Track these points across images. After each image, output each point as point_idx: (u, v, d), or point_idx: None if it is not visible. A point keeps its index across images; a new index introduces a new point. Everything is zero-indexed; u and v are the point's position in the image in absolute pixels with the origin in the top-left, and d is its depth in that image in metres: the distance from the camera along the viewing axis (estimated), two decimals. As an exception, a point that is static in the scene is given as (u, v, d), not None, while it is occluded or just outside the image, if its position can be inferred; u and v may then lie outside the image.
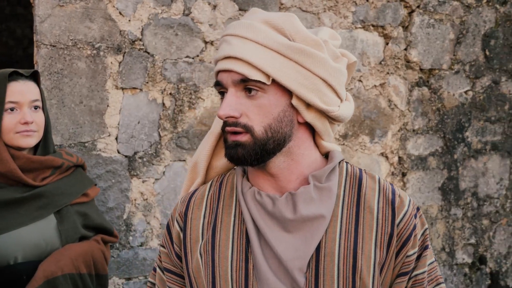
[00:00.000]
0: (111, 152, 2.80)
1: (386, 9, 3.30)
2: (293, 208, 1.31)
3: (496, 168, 3.75)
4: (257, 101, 1.29)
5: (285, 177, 1.34)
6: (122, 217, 2.87)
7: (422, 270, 1.38)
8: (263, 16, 1.32)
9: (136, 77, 2.80)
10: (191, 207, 1.40)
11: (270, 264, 1.30)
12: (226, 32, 1.34)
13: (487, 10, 3.55)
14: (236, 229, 1.35)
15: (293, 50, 1.29)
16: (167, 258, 1.45)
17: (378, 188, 1.36)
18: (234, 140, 1.29)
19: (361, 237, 1.32)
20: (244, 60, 1.27)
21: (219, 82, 1.32)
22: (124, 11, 2.73)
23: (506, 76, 3.67)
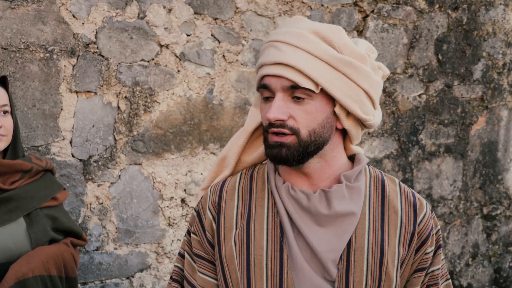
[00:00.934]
0: (65, 156, 2.78)
1: (341, 13, 3.34)
2: (327, 204, 1.41)
3: (450, 170, 3.82)
4: (304, 107, 1.38)
5: (317, 176, 1.45)
6: (77, 222, 2.84)
7: (437, 266, 1.52)
8: (312, 27, 1.40)
9: (90, 80, 2.78)
10: (223, 198, 1.49)
11: (303, 254, 1.41)
12: (274, 38, 1.41)
13: (440, 16, 3.63)
14: (269, 220, 1.44)
15: (342, 63, 1.37)
16: (199, 245, 1.52)
17: (399, 191, 1.49)
18: (278, 140, 1.38)
19: (387, 234, 1.44)
20: (296, 67, 1.35)
21: (266, 86, 1.40)
22: (78, 14, 2.71)
23: (458, 80, 3.75)
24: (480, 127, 3.88)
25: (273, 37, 1.41)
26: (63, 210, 2.39)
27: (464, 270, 4.00)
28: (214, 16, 3.01)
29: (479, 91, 3.82)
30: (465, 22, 3.71)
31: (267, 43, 1.42)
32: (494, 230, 4.06)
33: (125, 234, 2.96)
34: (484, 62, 3.81)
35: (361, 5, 3.39)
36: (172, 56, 2.95)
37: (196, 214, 1.53)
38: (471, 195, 3.93)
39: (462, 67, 3.75)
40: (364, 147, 3.53)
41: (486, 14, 3.76)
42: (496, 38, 3.81)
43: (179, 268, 1.59)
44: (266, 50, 1.41)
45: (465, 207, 3.93)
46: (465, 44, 3.73)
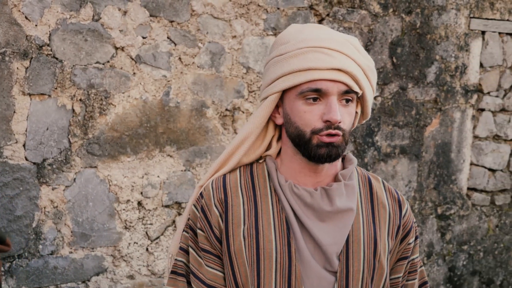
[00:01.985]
0: (18, 159, 2.74)
1: (297, 17, 3.37)
2: (328, 201, 1.53)
3: (405, 171, 3.88)
4: (349, 109, 1.50)
5: (324, 173, 1.56)
6: (31, 226, 2.81)
7: (416, 255, 1.67)
8: (343, 35, 1.54)
9: (44, 82, 2.75)
10: (229, 195, 1.58)
11: (309, 248, 1.52)
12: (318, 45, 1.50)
13: (394, 19, 3.69)
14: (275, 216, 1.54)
15: (370, 70, 1.53)
16: (206, 241, 1.59)
17: (384, 188, 1.63)
18: (331, 141, 1.48)
19: (378, 227, 1.57)
20: (350, 73, 1.48)
21: (319, 90, 1.48)
22: (31, 15, 2.68)
23: (412, 82, 3.82)
24: (434, 128, 3.95)
25: (315, 43, 1.50)
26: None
27: (419, 269, 4.07)
28: (170, 19, 3.01)
29: (433, 94, 3.89)
30: (419, 26, 3.77)
31: (309, 48, 1.50)
32: (448, 229, 4.14)
33: (80, 237, 2.93)
34: (437, 65, 3.88)
35: (317, 9, 3.42)
36: (127, 59, 2.93)
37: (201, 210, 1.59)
38: (425, 195, 4.00)
39: (416, 70, 3.81)
40: (321, 149, 3.56)
41: (438, 18, 3.83)
42: (448, 42, 3.89)
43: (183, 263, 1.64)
44: (310, 54, 1.49)
45: (420, 207, 3.99)
46: (419, 48, 3.80)
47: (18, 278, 2.80)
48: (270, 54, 1.58)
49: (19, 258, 2.80)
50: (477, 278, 4.30)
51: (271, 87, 1.54)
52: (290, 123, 1.52)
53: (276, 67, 1.53)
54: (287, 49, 1.52)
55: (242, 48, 3.22)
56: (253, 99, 3.30)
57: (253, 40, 3.25)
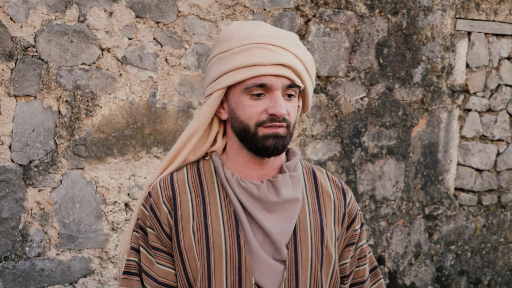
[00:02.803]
0: (4, 161, 2.73)
1: (283, 17, 3.38)
2: (275, 192, 1.58)
3: (392, 171, 3.90)
4: (292, 103, 1.56)
5: (270, 166, 1.61)
6: (17, 228, 2.80)
7: (364, 241, 1.73)
8: (284, 32, 1.60)
9: (29, 84, 2.74)
10: (177, 192, 1.61)
11: (257, 239, 1.56)
12: (262, 41, 1.55)
13: (380, 20, 3.70)
14: (224, 210, 1.58)
15: (311, 64, 1.60)
16: (156, 239, 1.62)
17: (327, 178, 1.69)
18: (276, 132, 1.53)
19: (324, 215, 1.63)
20: (293, 68, 1.53)
21: (264, 85, 1.53)
22: (16, 17, 2.67)
23: (399, 83, 3.83)
24: (421, 129, 3.97)
25: (258, 40, 1.55)
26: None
27: (408, 269, 4.08)
28: (156, 20, 3.01)
29: (419, 94, 3.91)
30: (405, 26, 3.79)
31: (252, 45, 1.54)
32: (436, 229, 4.16)
33: (67, 239, 2.92)
34: (423, 66, 3.90)
35: (303, 10, 3.43)
36: (113, 60, 2.93)
37: (150, 209, 1.62)
38: (413, 195, 4.01)
39: (402, 70, 3.83)
40: (308, 149, 3.57)
41: (425, 19, 3.86)
42: (434, 43, 3.91)
43: (136, 262, 1.67)
44: (254, 51, 1.54)
45: (407, 208, 4.00)
46: (405, 48, 3.82)
47: (4, 280, 2.79)
48: (212, 52, 1.61)
49: (6, 260, 2.79)
50: (464, 278, 4.32)
51: (216, 83, 1.57)
52: (235, 118, 1.56)
53: (220, 63, 1.57)
54: (231, 46, 1.56)
55: (229, 49, 3.23)
56: (240, 100, 3.31)
57: (239, 41, 3.25)
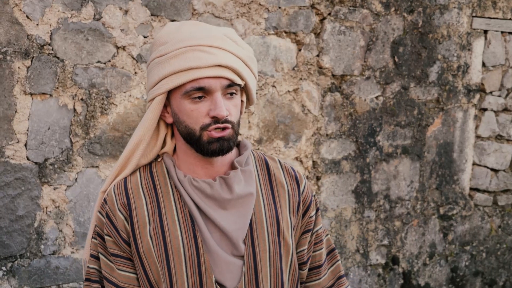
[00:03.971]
0: (20, 159, 2.74)
1: (298, 16, 3.37)
2: (228, 189, 1.57)
3: (407, 171, 3.88)
4: (234, 101, 1.55)
5: (219, 164, 1.60)
6: (32, 226, 2.80)
7: (319, 226, 1.75)
8: (220, 30, 1.58)
9: (45, 82, 2.75)
10: (131, 197, 1.60)
11: (214, 237, 1.56)
12: (197, 43, 1.53)
13: (396, 18, 3.68)
14: (179, 212, 1.58)
15: (250, 59, 1.59)
16: (114, 245, 1.62)
17: (281, 167, 1.69)
18: (221, 135, 1.53)
19: (279, 206, 1.64)
20: (231, 67, 1.52)
21: (203, 88, 1.51)
22: (32, 15, 2.68)
23: (414, 82, 3.81)
24: (436, 128, 3.94)
25: (193, 42, 1.52)
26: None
27: (422, 269, 4.06)
28: (171, 18, 3.01)
29: (435, 93, 3.89)
30: (421, 25, 3.77)
31: (187, 48, 1.52)
32: (451, 230, 4.13)
33: (82, 237, 2.93)
34: (439, 65, 3.87)
35: (318, 8, 3.42)
36: (129, 58, 2.93)
37: (106, 216, 1.62)
38: (428, 195, 3.99)
39: (418, 69, 3.81)
40: (322, 148, 3.56)
41: (441, 17, 3.83)
42: (450, 41, 3.89)
43: (96, 269, 1.67)
44: (190, 54, 1.52)
45: (422, 208, 3.98)
46: (421, 47, 3.79)
47: (20, 278, 2.80)
48: (151, 55, 1.60)
49: (21, 258, 2.80)
50: (479, 279, 4.29)
51: (156, 88, 1.56)
52: (180, 122, 1.56)
53: (158, 68, 1.55)
54: (167, 50, 1.54)
55: (244, 47, 3.22)
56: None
57: (254, 39, 3.24)
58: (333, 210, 3.64)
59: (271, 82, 3.34)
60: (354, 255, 3.76)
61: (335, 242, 3.67)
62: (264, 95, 3.33)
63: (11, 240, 2.76)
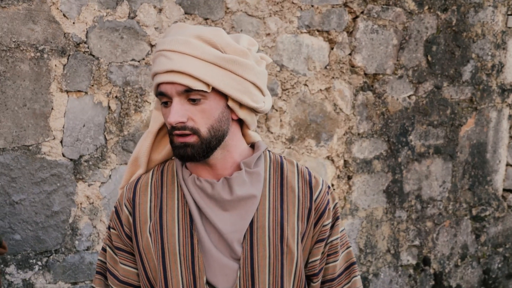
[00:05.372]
0: (56, 156, 2.78)
1: (331, 14, 3.36)
2: (229, 190, 1.56)
3: (439, 171, 3.84)
4: (200, 107, 1.51)
5: (221, 166, 1.59)
6: (67, 221, 2.84)
7: (335, 236, 1.68)
8: (194, 32, 1.52)
9: (81, 80, 2.78)
10: (137, 194, 1.62)
11: (211, 238, 1.55)
12: (162, 48, 1.53)
13: (429, 17, 3.65)
14: (180, 210, 1.58)
15: (227, 61, 1.51)
16: (118, 239, 1.65)
17: (297, 171, 1.65)
18: (182, 141, 1.51)
19: (286, 212, 1.59)
20: (186, 73, 1.48)
21: (162, 93, 1.52)
22: (68, 13, 2.72)
23: (447, 81, 3.78)
24: (469, 128, 3.91)
25: (160, 47, 1.53)
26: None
27: (453, 271, 4.02)
28: (204, 16, 3.02)
29: (468, 93, 3.85)
30: (454, 23, 3.73)
31: (157, 53, 1.54)
32: (483, 231, 4.09)
33: (115, 234, 2.96)
34: (473, 64, 3.83)
35: (351, 6, 3.41)
36: (162, 56, 2.96)
37: (115, 210, 1.66)
38: (460, 196, 3.95)
39: (451, 68, 3.78)
40: (354, 147, 3.54)
41: (475, 16, 3.79)
42: (485, 40, 3.84)
43: (102, 261, 1.72)
44: (157, 59, 1.53)
45: (454, 208, 3.95)
46: (454, 46, 3.76)
47: (55, 272, 2.84)
48: None
49: (56, 253, 2.84)
50: (512, 281, 4.24)
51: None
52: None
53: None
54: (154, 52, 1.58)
55: (276, 46, 3.22)
56: (287, 97, 3.30)
57: (287, 38, 3.25)
58: (364, 209, 3.62)
59: (303, 80, 3.34)
60: (385, 255, 3.74)
61: (366, 242, 3.65)
62: (296, 94, 3.33)
63: (47, 236, 2.80)
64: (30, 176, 2.72)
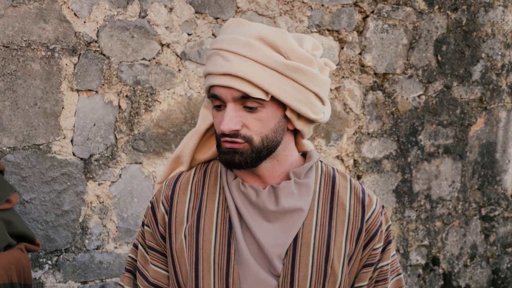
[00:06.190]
0: (66, 155, 2.78)
1: (341, 14, 3.35)
2: (275, 200, 1.43)
3: (449, 171, 3.83)
4: (257, 115, 1.39)
5: (269, 175, 1.47)
6: (77, 220, 2.84)
7: (386, 262, 1.54)
8: (257, 32, 1.39)
9: (91, 79, 2.78)
10: (176, 192, 1.51)
11: (250, 249, 1.42)
12: (220, 46, 1.39)
13: (439, 16, 3.64)
14: (219, 215, 1.46)
15: (289, 69, 1.37)
16: (151, 237, 1.55)
17: (349, 187, 1.51)
18: (231, 147, 1.39)
19: (334, 230, 1.45)
20: (245, 78, 1.35)
21: (216, 96, 1.40)
22: (79, 12, 2.72)
23: (457, 81, 3.77)
24: (479, 128, 3.89)
25: (218, 45, 1.40)
26: (16, 213, 2.28)
27: (463, 271, 4.01)
28: (215, 16, 3.02)
29: (478, 92, 3.84)
30: (465, 23, 3.72)
31: (213, 50, 1.42)
32: (492, 231, 4.08)
33: (125, 233, 2.96)
34: (483, 63, 3.82)
35: (361, 6, 3.40)
36: (173, 55, 2.95)
37: (151, 206, 1.56)
38: (469, 196, 3.94)
39: (461, 68, 3.76)
40: (364, 147, 3.54)
41: (485, 15, 3.78)
42: (495, 40, 3.83)
43: (132, 259, 1.62)
44: (212, 57, 1.41)
45: (463, 208, 3.94)
46: (464, 45, 3.75)
47: (65, 272, 2.84)
48: None
49: (66, 252, 2.84)
50: (522, 281, 4.23)
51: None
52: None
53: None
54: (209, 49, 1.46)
55: (286, 45, 3.22)
56: (297, 96, 3.29)
57: (297, 37, 3.24)
58: (374, 209, 3.61)
59: (313, 80, 3.33)
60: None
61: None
62: (306, 93, 3.32)
63: (57, 235, 2.80)
64: (40, 175, 2.72)
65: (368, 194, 1.52)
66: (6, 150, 2.65)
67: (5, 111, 2.62)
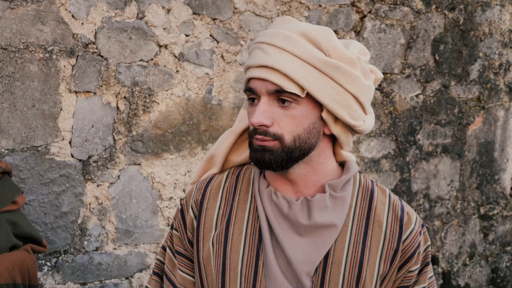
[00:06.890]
0: (64, 156, 2.78)
1: (339, 14, 3.36)
2: (307, 214, 1.36)
3: (447, 170, 3.84)
4: (290, 111, 1.33)
5: (302, 183, 1.40)
6: (76, 222, 2.84)
7: (422, 285, 1.45)
8: (299, 28, 1.35)
9: (89, 80, 2.78)
10: (207, 197, 1.45)
11: (279, 263, 1.36)
12: (261, 40, 1.36)
13: (436, 16, 3.65)
14: (249, 225, 1.40)
15: (329, 66, 1.32)
16: (179, 242, 1.50)
17: (388, 203, 1.42)
18: (261, 144, 1.34)
19: (368, 249, 1.37)
20: (281, 71, 1.30)
21: (251, 89, 1.35)
22: (77, 14, 2.72)
23: (455, 80, 3.77)
24: (477, 127, 3.90)
25: (260, 39, 1.37)
26: (22, 214, 2.28)
27: (462, 270, 4.01)
28: (212, 17, 3.02)
29: (476, 91, 3.84)
30: (462, 22, 3.73)
31: (255, 44, 1.38)
32: (491, 230, 4.08)
33: (124, 234, 2.96)
34: (480, 63, 3.83)
35: (359, 6, 3.41)
36: (171, 56, 2.96)
37: (180, 210, 1.51)
38: (468, 195, 3.94)
39: (459, 67, 3.77)
40: (362, 147, 3.54)
41: (482, 15, 3.78)
42: (492, 39, 3.83)
43: (160, 261, 1.58)
44: (254, 51, 1.38)
45: (462, 207, 3.94)
46: (462, 45, 3.75)
47: (64, 273, 2.84)
48: None
49: (65, 253, 2.84)
50: (521, 280, 4.23)
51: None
52: None
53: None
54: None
55: (284, 45, 3.22)
56: (295, 97, 3.30)
57: (295, 37, 3.24)
58: (373, 209, 3.62)
59: (311, 80, 3.33)
60: (393, 255, 3.74)
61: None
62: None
63: (56, 236, 2.80)
64: (39, 177, 2.73)
65: (407, 212, 1.42)
66: (4, 152, 2.65)
67: (3, 113, 2.62)
